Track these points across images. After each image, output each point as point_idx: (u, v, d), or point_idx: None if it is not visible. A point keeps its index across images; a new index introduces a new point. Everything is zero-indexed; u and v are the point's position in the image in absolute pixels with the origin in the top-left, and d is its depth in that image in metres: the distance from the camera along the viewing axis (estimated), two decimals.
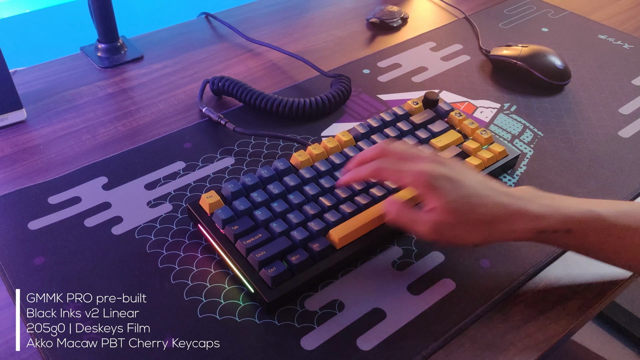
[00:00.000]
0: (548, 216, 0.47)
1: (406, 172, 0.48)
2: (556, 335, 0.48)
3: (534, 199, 0.48)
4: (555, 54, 0.78)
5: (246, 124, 0.69)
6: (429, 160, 0.49)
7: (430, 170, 0.48)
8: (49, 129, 0.67)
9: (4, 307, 0.48)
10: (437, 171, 0.48)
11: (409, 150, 0.51)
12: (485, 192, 0.48)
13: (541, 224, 0.47)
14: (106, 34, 0.79)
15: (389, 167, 0.50)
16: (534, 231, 0.47)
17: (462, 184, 0.48)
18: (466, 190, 0.47)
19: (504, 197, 0.48)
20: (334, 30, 0.90)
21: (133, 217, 0.56)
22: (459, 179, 0.48)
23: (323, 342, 0.46)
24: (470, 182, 0.48)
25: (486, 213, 0.47)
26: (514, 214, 0.47)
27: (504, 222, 0.47)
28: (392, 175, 0.49)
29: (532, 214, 0.47)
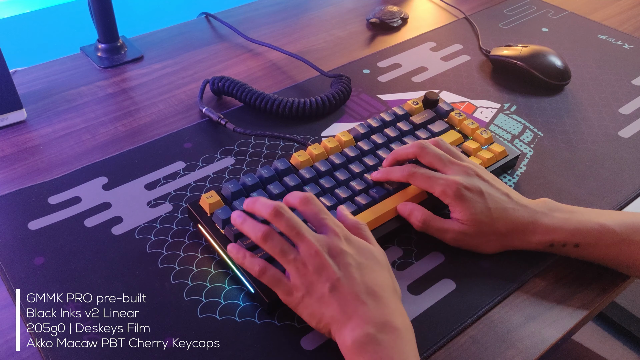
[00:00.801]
0: (559, 230, 0.51)
1: (437, 181, 0.52)
2: (556, 335, 0.48)
3: (549, 212, 0.52)
4: (555, 54, 0.78)
5: (246, 124, 0.69)
6: (460, 171, 0.52)
7: (460, 181, 0.51)
8: (49, 129, 0.67)
9: (4, 307, 0.48)
10: (466, 183, 0.51)
11: (443, 155, 0.54)
12: (507, 205, 0.51)
13: (551, 237, 0.51)
14: (106, 34, 0.79)
15: (422, 174, 0.52)
16: (545, 244, 0.51)
17: (488, 197, 0.51)
18: (490, 203, 0.51)
19: (522, 210, 0.51)
20: (334, 30, 0.90)
21: (133, 217, 0.56)
22: (486, 191, 0.52)
23: (323, 342, 0.46)
24: (495, 195, 0.52)
25: (504, 226, 0.51)
26: (529, 227, 0.51)
27: (519, 235, 0.51)
28: (424, 182, 0.52)
29: (544, 227, 0.51)
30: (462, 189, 0.50)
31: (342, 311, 0.42)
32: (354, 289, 0.42)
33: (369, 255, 0.45)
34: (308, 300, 0.43)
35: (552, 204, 0.53)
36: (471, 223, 0.51)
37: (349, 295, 0.42)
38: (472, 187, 0.51)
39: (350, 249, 0.45)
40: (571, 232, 0.50)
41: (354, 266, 0.43)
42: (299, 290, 0.44)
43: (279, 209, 0.45)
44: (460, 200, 0.50)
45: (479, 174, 0.53)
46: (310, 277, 0.43)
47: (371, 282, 0.43)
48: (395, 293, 0.45)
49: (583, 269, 0.54)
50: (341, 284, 0.42)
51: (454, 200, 0.51)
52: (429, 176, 0.52)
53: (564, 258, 0.54)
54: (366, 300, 0.42)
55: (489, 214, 0.51)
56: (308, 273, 0.43)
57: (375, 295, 0.42)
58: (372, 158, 0.59)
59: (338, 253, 0.44)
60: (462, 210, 0.51)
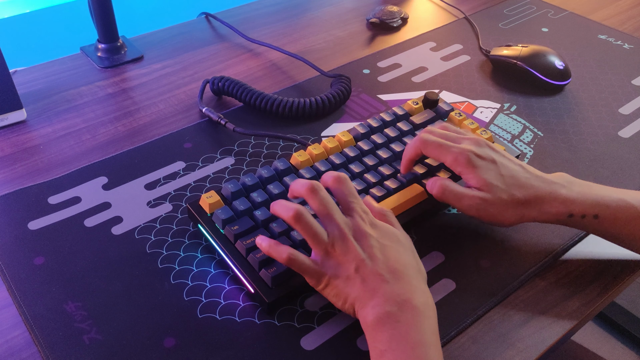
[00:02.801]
0: (578, 201, 0.50)
1: (449, 149, 0.52)
2: (556, 335, 0.48)
3: (568, 184, 0.51)
4: (555, 54, 0.78)
5: (246, 124, 0.69)
6: (472, 142, 0.52)
7: (472, 149, 0.51)
8: (49, 129, 0.67)
9: (4, 307, 0.48)
10: (478, 151, 0.51)
11: (451, 134, 0.54)
12: (521, 174, 0.51)
13: (571, 208, 0.50)
14: (106, 34, 0.79)
15: (433, 141, 0.53)
16: (564, 214, 0.50)
17: (501, 165, 0.51)
18: (503, 171, 0.51)
19: (538, 180, 0.51)
20: (334, 30, 0.90)
21: (133, 217, 0.56)
22: (499, 160, 0.51)
23: (323, 342, 0.46)
24: (509, 164, 0.52)
25: (521, 194, 0.50)
26: (547, 196, 0.50)
27: (537, 204, 0.50)
28: (436, 150, 0.52)
29: (563, 197, 0.50)
30: (473, 157, 0.50)
31: (365, 290, 0.43)
32: (377, 268, 0.44)
33: (393, 238, 0.46)
34: (334, 281, 0.45)
35: (570, 177, 0.53)
36: (487, 189, 0.50)
37: (372, 275, 0.43)
38: (484, 155, 0.51)
39: (375, 232, 0.46)
40: (590, 204, 0.50)
41: (377, 247, 0.45)
42: (327, 272, 0.45)
43: (315, 187, 0.46)
44: (472, 167, 0.50)
45: (490, 146, 0.53)
46: (337, 259, 0.45)
47: (394, 262, 0.44)
48: (418, 273, 0.45)
49: (583, 269, 0.54)
50: (365, 264, 0.44)
51: (466, 167, 0.50)
52: (440, 144, 0.52)
53: (564, 258, 0.54)
54: (388, 279, 0.43)
55: (503, 181, 0.50)
56: (335, 255, 0.45)
57: (397, 273, 0.44)
58: (372, 158, 0.59)
59: (363, 236, 0.45)
60: (475, 176, 0.50)
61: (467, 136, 0.54)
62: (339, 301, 0.45)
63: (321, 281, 0.45)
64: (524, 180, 0.51)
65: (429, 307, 0.43)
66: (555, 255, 0.55)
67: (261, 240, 0.47)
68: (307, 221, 0.45)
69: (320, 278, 0.45)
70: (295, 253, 0.45)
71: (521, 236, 0.56)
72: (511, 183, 0.50)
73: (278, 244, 0.46)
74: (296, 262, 0.45)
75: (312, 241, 0.45)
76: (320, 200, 0.46)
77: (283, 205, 0.46)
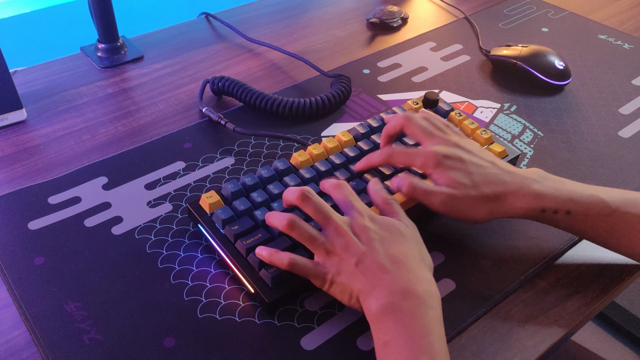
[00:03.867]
0: (550, 196, 0.50)
1: (416, 155, 0.52)
2: (556, 335, 0.48)
3: (541, 179, 0.51)
4: (555, 54, 0.78)
5: (246, 124, 0.69)
6: (440, 142, 0.52)
7: (439, 150, 0.51)
8: (49, 129, 0.67)
9: (4, 307, 0.48)
10: (446, 152, 0.51)
11: (427, 127, 0.54)
12: (491, 170, 0.51)
13: (543, 203, 0.50)
14: (106, 34, 0.79)
15: (400, 152, 0.53)
16: (536, 209, 0.50)
17: (469, 163, 0.51)
18: (472, 168, 0.51)
19: (509, 176, 0.51)
20: (334, 30, 0.90)
21: (133, 217, 0.56)
22: (467, 158, 0.51)
23: (323, 342, 0.46)
24: (477, 161, 0.52)
25: (490, 189, 0.50)
26: (518, 191, 0.50)
27: (507, 199, 0.50)
28: (404, 159, 0.53)
29: (534, 192, 0.50)
30: (440, 158, 0.51)
31: (367, 281, 0.43)
32: (378, 259, 0.44)
33: (393, 230, 0.46)
34: (338, 279, 0.45)
35: (543, 173, 0.52)
36: (455, 185, 0.50)
37: (374, 266, 0.43)
38: (451, 154, 0.51)
39: (374, 225, 0.46)
40: (563, 200, 0.50)
41: (377, 240, 0.45)
42: (330, 272, 0.45)
43: (306, 193, 0.47)
44: (440, 167, 0.50)
45: (459, 145, 0.53)
46: (338, 256, 0.45)
47: (395, 252, 0.44)
48: (422, 262, 0.45)
49: (583, 269, 0.54)
50: (365, 256, 0.44)
51: (434, 169, 0.51)
52: (407, 152, 0.53)
53: (564, 258, 0.54)
54: (390, 269, 0.43)
55: (471, 178, 0.50)
56: (336, 253, 0.45)
57: (399, 263, 0.44)
58: None
59: (362, 230, 0.45)
60: (443, 176, 0.50)
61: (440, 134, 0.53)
62: (345, 297, 0.45)
63: (326, 281, 0.45)
64: (493, 176, 0.51)
65: (433, 296, 0.43)
66: (555, 256, 0.55)
67: (261, 251, 0.47)
68: (301, 226, 0.46)
69: (324, 278, 0.45)
70: (297, 258, 0.45)
71: (521, 236, 0.56)
72: (479, 180, 0.50)
73: (278, 251, 0.46)
74: (298, 267, 0.45)
75: (310, 244, 0.46)
76: (313, 205, 0.46)
77: (276, 216, 0.47)
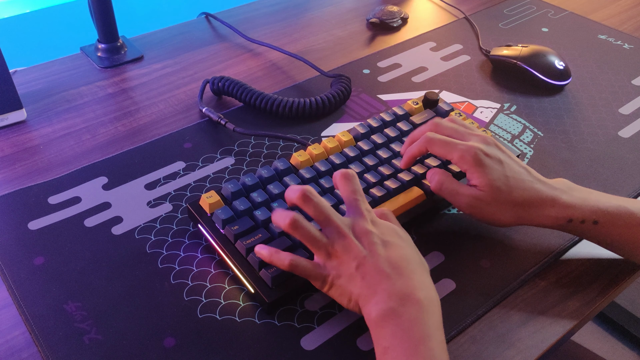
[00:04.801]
0: (578, 206, 0.50)
1: (456, 146, 0.51)
2: (556, 335, 0.48)
3: (568, 190, 0.51)
4: (555, 54, 0.78)
5: (246, 124, 0.69)
6: (479, 139, 0.52)
7: (479, 147, 0.51)
8: (49, 129, 0.67)
9: (4, 307, 0.48)
10: (486, 150, 0.51)
11: (460, 128, 0.54)
12: (525, 176, 0.51)
13: (571, 213, 0.50)
14: (106, 34, 0.79)
15: (439, 139, 0.52)
16: (563, 219, 0.50)
17: (506, 165, 0.51)
18: (509, 172, 0.51)
19: (540, 184, 0.51)
20: (334, 30, 0.90)
21: (133, 217, 0.56)
22: (504, 160, 0.51)
23: (323, 342, 0.46)
24: (514, 165, 0.52)
25: (522, 196, 0.50)
26: (547, 200, 0.50)
27: (536, 207, 0.50)
28: (442, 147, 0.52)
29: (563, 202, 0.50)
30: (480, 155, 0.50)
31: (367, 286, 0.43)
32: (378, 264, 0.43)
33: (394, 235, 0.46)
34: (338, 281, 0.45)
35: (570, 183, 0.53)
36: (488, 189, 0.50)
37: (374, 271, 0.43)
38: (491, 154, 0.51)
39: (376, 229, 0.46)
40: (590, 209, 0.50)
41: (378, 244, 0.45)
42: (330, 274, 0.45)
43: (307, 193, 0.46)
44: (478, 165, 0.50)
45: (498, 145, 0.53)
46: (339, 259, 0.45)
47: (396, 257, 0.44)
48: (422, 267, 0.45)
49: (583, 269, 0.54)
50: (366, 261, 0.44)
51: (472, 165, 0.50)
52: (447, 142, 0.52)
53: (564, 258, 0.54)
54: (391, 274, 0.43)
55: (507, 182, 0.50)
56: (336, 255, 0.45)
57: (399, 268, 0.44)
58: (372, 158, 0.59)
59: (363, 233, 0.45)
60: (480, 175, 0.50)
61: (475, 132, 0.53)
62: (344, 300, 0.45)
63: (326, 282, 0.45)
64: (527, 183, 0.51)
65: (433, 301, 0.43)
66: (556, 255, 0.55)
67: (261, 249, 0.47)
68: (303, 227, 0.45)
69: (324, 280, 0.45)
70: (297, 258, 0.45)
71: (521, 236, 0.56)
72: (514, 185, 0.50)
73: (278, 251, 0.46)
74: (299, 268, 0.45)
75: (311, 245, 0.45)
76: (314, 205, 0.46)
77: (279, 215, 0.47)
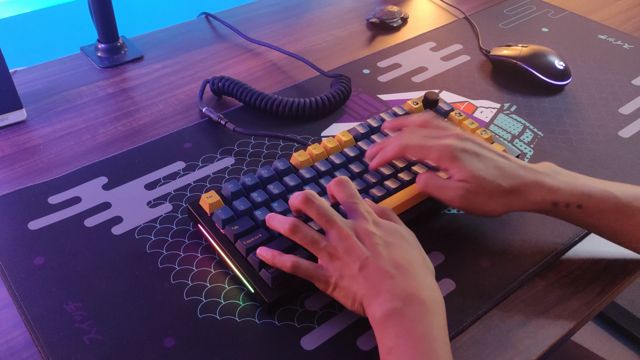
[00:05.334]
0: (562, 190, 0.50)
1: (431, 147, 0.51)
2: (556, 335, 0.48)
3: (553, 173, 0.52)
4: (555, 54, 0.78)
5: (246, 124, 0.69)
6: (453, 136, 0.52)
7: (454, 144, 0.51)
8: (49, 129, 0.67)
9: (4, 307, 0.48)
10: (461, 145, 0.51)
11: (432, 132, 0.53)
12: (505, 164, 0.51)
13: (555, 197, 0.50)
14: (106, 34, 0.79)
15: (413, 144, 0.52)
16: (548, 203, 0.50)
17: (484, 157, 0.51)
18: (488, 162, 0.51)
19: (522, 170, 0.51)
20: (334, 30, 0.90)
21: (133, 217, 0.56)
22: (482, 152, 0.51)
23: (323, 342, 0.46)
24: (491, 155, 0.52)
25: (507, 183, 0.50)
26: (531, 184, 0.50)
27: (523, 193, 0.50)
28: (417, 151, 0.52)
29: (547, 186, 0.50)
30: (456, 151, 0.50)
31: (371, 287, 0.43)
32: (382, 264, 0.43)
33: (397, 235, 0.46)
34: (341, 283, 0.45)
35: (555, 167, 0.53)
36: (472, 179, 0.50)
37: (377, 271, 0.43)
38: (467, 148, 0.51)
39: (378, 230, 0.46)
40: (576, 193, 0.50)
41: (381, 245, 0.45)
42: (333, 275, 0.45)
43: (309, 197, 0.46)
44: (456, 160, 0.50)
45: (472, 139, 0.53)
46: (342, 260, 0.45)
47: (398, 257, 0.44)
48: (425, 267, 0.45)
49: (583, 269, 0.54)
50: (369, 261, 0.44)
51: (451, 161, 0.50)
52: (421, 145, 0.52)
53: (564, 258, 0.54)
54: (394, 275, 0.43)
55: (489, 171, 0.50)
56: (339, 257, 0.45)
57: (402, 268, 0.44)
58: None
59: (366, 235, 0.45)
60: (461, 169, 0.50)
61: (449, 132, 0.53)
62: (348, 302, 0.45)
63: (329, 284, 0.45)
64: (509, 169, 0.51)
65: (437, 301, 0.43)
66: (556, 255, 0.55)
67: (263, 252, 0.47)
68: (303, 231, 0.45)
69: (327, 281, 0.45)
70: (300, 261, 0.45)
71: (521, 236, 0.56)
72: (496, 173, 0.50)
73: (281, 254, 0.46)
74: (301, 269, 0.45)
75: (313, 248, 0.45)
76: (316, 208, 0.46)
77: (278, 220, 0.47)
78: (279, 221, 0.47)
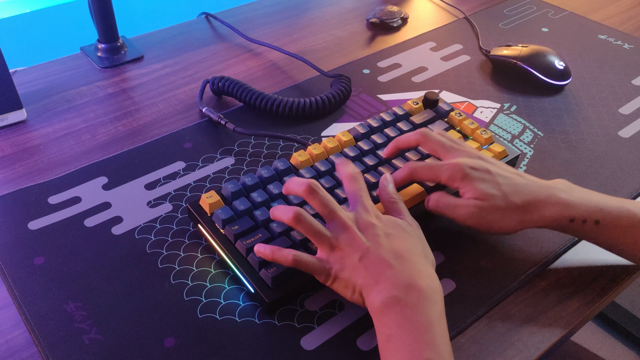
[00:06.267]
0: (579, 206, 0.50)
1: (441, 168, 0.51)
2: (556, 335, 0.48)
3: (567, 189, 0.51)
4: (555, 54, 0.78)
5: (246, 124, 0.69)
6: (464, 154, 0.52)
7: (465, 162, 0.50)
8: (49, 129, 0.67)
9: (4, 307, 0.48)
10: (471, 163, 0.51)
11: (446, 142, 0.53)
12: (518, 180, 0.51)
13: (571, 212, 0.50)
14: (106, 34, 0.79)
15: (423, 166, 0.52)
16: (565, 219, 0.50)
17: (497, 174, 0.51)
18: (500, 179, 0.50)
19: (535, 186, 0.51)
20: (334, 30, 0.90)
21: (133, 217, 0.56)
22: (494, 170, 0.51)
23: (323, 342, 0.46)
24: (503, 172, 0.51)
25: (519, 199, 0.50)
26: (546, 201, 0.50)
27: (536, 209, 0.50)
28: (428, 174, 0.52)
29: (563, 202, 0.50)
30: (467, 169, 0.50)
31: (370, 276, 0.43)
32: (382, 254, 0.44)
33: (397, 227, 0.47)
34: (342, 274, 0.45)
35: (569, 183, 0.52)
36: (484, 197, 0.49)
37: (377, 260, 0.44)
38: (477, 166, 0.51)
39: (379, 222, 0.46)
40: (592, 209, 0.50)
41: (381, 236, 0.45)
42: (333, 267, 0.45)
43: (314, 187, 0.47)
44: (467, 179, 0.50)
45: (482, 157, 0.52)
46: (342, 251, 0.45)
47: (398, 247, 0.45)
48: (425, 257, 0.46)
49: (583, 269, 0.54)
50: (369, 252, 0.44)
51: (462, 181, 0.50)
52: (431, 166, 0.52)
53: (563, 258, 0.54)
54: (394, 264, 0.43)
55: (500, 189, 0.50)
56: (340, 248, 0.45)
57: (402, 258, 0.44)
58: (372, 158, 0.59)
59: (367, 226, 0.46)
60: (472, 188, 0.50)
61: (461, 148, 0.53)
62: (348, 292, 0.45)
63: (329, 276, 0.45)
64: (522, 186, 0.50)
65: (436, 290, 0.43)
66: (556, 256, 0.55)
67: (261, 248, 0.47)
68: (307, 221, 0.45)
69: (328, 273, 0.45)
70: (300, 254, 0.46)
71: (521, 237, 0.56)
72: (509, 190, 0.50)
73: (280, 248, 0.46)
74: (302, 263, 0.45)
75: (315, 239, 0.46)
76: (320, 200, 0.46)
77: (282, 209, 0.47)
78: (282, 211, 0.47)
